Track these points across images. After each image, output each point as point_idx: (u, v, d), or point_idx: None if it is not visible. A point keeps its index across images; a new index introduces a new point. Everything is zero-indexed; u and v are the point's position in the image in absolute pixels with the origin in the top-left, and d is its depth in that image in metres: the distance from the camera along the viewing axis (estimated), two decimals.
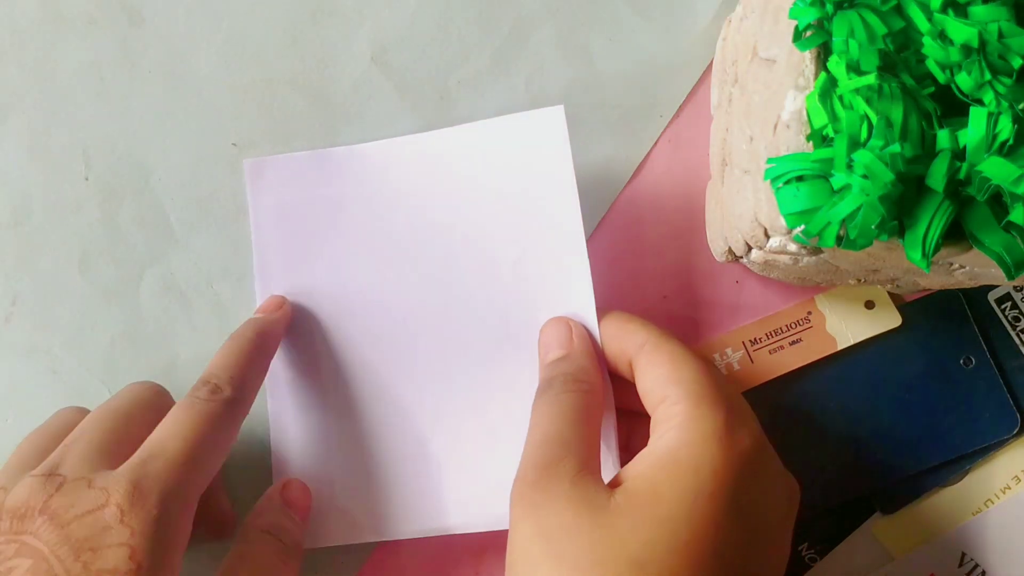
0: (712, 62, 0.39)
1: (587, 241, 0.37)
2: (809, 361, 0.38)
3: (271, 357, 0.37)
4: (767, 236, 0.31)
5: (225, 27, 0.39)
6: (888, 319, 0.38)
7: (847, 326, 0.38)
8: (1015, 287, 0.39)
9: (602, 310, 0.36)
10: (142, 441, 0.33)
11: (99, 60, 0.39)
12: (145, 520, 0.30)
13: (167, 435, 0.33)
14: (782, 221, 0.28)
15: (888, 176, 0.25)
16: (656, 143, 0.39)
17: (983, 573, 0.38)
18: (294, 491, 0.37)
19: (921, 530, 0.38)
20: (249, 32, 0.39)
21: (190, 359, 0.39)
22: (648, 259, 0.39)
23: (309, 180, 0.39)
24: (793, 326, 0.38)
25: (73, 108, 0.39)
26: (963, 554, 0.38)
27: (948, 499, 0.38)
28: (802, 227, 0.27)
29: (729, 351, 0.39)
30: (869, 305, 0.38)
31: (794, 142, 0.27)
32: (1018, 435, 0.38)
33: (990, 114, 0.25)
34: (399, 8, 0.39)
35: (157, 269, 0.39)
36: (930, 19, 0.26)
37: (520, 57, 0.39)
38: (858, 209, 0.25)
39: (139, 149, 0.39)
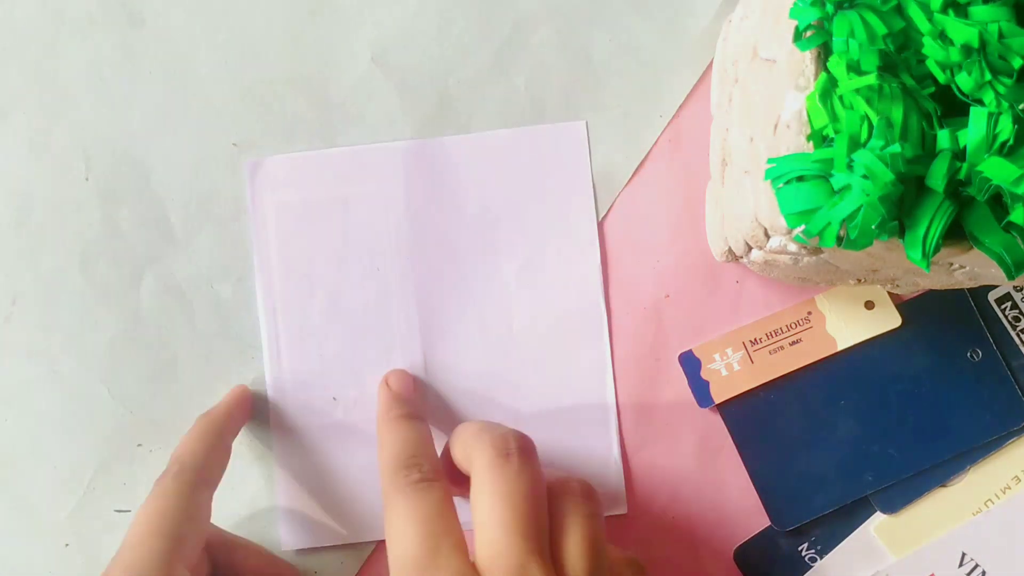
0: (712, 62, 0.39)
1: None
2: (809, 361, 0.38)
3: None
4: (767, 236, 0.31)
5: (225, 27, 0.39)
6: (888, 319, 0.38)
7: (847, 326, 0.38)
8: (1015, 287, 0.39)
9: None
10: None
11: (100, 60, 0.39)
12: None
13: None
14: (782, 221, 0.28)
15: (888, 176, 0.25)
16: (656, 143, 0.39)
17: (983, 573, 0.38)
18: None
19: (921, 530, 0.38)
20: (249, 32, 0.39)
21: (190, 359, 0.39)
22: (648, 259, 0.39)
23: (311, 180, 0.39)
24: (793, 326, 0.38)
25: (73, 108, 0.39)
26: (963, 554, 0.38)
27: (948, 499, 0.38)
28: (802, 227, 0.27)
29: (729, 351, 0.39)
30: (869, 305, 0.38)
31: (794, 142, 0.27)
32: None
33: (990, 114, 0.25)
34: (399, 8, 0.39)
35: (157, 269, 0.39)
36: (930, 19, 0.26)
37: (520, 57, 0.39)
38: (858, 209, 0.25)
39: (139, 149, 0.39)
